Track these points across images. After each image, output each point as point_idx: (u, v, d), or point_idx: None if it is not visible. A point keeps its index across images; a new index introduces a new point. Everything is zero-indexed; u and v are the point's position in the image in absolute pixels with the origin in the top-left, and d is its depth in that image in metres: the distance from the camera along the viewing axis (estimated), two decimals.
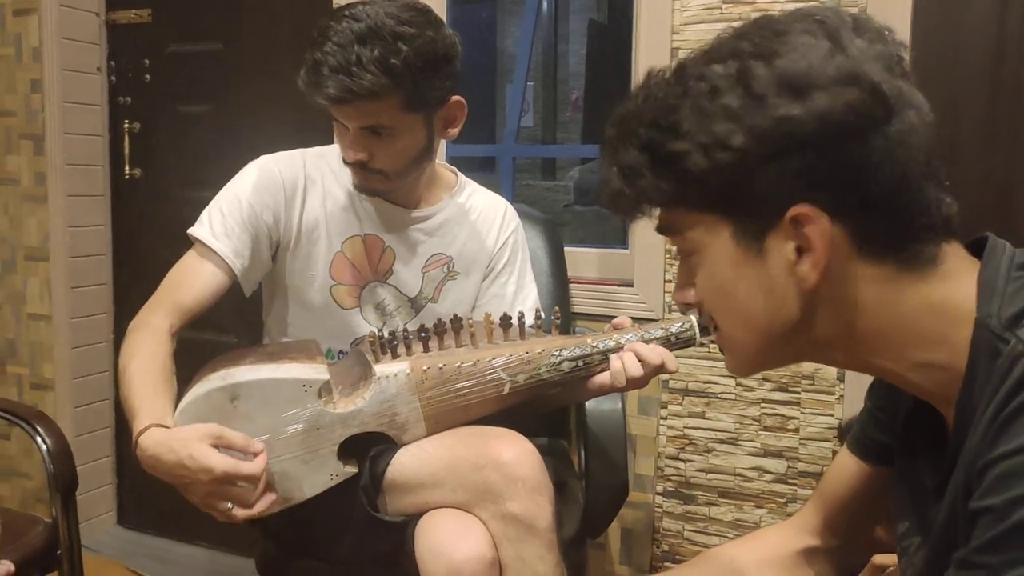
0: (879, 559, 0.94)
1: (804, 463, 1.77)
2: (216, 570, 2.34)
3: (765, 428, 1.80)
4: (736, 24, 0.68)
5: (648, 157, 0.65)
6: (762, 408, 1.80)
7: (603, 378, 1.22)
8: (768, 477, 1.80)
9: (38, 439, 1.49)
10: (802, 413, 1.77)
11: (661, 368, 1.20)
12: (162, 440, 1.08)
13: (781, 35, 0.62)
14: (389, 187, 1.33)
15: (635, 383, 1.19)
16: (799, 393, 1.76)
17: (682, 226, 0.68)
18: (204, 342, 1.88)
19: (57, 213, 2.41)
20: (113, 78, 2.49)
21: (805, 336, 0.67)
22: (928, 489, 0.69)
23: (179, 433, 1.09)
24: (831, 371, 1.72)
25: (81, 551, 1.50)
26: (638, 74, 1.78)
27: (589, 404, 1.50)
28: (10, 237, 2.50)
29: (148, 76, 2.44)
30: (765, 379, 1.78)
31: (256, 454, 1.09)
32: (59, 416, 2.39)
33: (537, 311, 1.28)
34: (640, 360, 1.19)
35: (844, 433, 1.61)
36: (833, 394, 1.73)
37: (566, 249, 1.84)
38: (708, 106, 0.62)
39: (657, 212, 0.70)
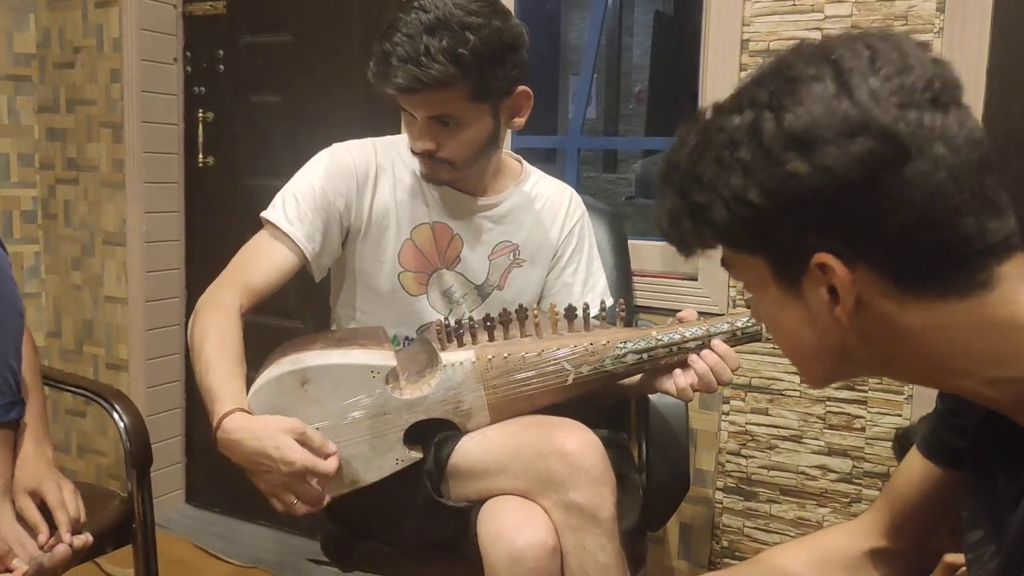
0: (950, 558, 0.92)
1: (870, 463, 1.74)
2: (280, 550, 2.39)
3: (830, 426, 1.77)
4: (793, 44, 0.67)
5: (684, 204, 0.67)
6: (827, 406, 1.77)
7: (668, 385, 1.23)
8: (832, 476, 1.77)
9: (116, 416, 1.53)
10: (869, 412, 1.73)
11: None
12: (247, 426, 1.10)
13: (792, 83, 0.62)
14: (456, 176, 1.34)
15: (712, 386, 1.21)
16: (866, 392, 1.73)
17: (733, 263, 0.70)
18: (270, 327, 1.92)
19: (134, 199, 2.49)
20: (189, 68, 2.55)
21: (859, 361, 0.68)
22: (1005, 499, 0.67)
23: (265, 422, 1.11)
24: None
25: (155, 526, 1.55)
26: (707, 67, 1.76)
27: (652, 397, 1.49)
28: (89, 222, 2.59)
29: (222, 67, 2.51)
30: None
31: (329, 455, 1.11)
32: (132, 396, 2.45)
33: (602, 301, 1.29)
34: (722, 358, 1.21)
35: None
36: (902, 394, 1.70)
37: (629, 242, 1.83)
38: (727, 158, 0.63)
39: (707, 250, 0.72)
